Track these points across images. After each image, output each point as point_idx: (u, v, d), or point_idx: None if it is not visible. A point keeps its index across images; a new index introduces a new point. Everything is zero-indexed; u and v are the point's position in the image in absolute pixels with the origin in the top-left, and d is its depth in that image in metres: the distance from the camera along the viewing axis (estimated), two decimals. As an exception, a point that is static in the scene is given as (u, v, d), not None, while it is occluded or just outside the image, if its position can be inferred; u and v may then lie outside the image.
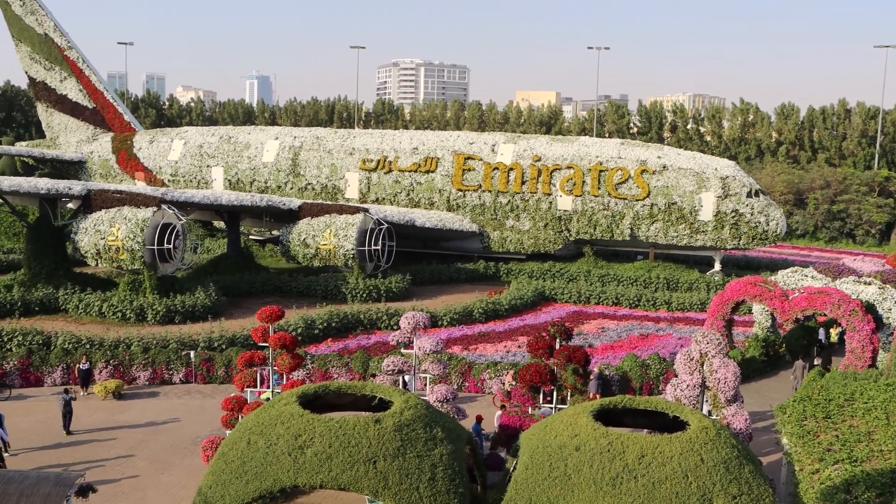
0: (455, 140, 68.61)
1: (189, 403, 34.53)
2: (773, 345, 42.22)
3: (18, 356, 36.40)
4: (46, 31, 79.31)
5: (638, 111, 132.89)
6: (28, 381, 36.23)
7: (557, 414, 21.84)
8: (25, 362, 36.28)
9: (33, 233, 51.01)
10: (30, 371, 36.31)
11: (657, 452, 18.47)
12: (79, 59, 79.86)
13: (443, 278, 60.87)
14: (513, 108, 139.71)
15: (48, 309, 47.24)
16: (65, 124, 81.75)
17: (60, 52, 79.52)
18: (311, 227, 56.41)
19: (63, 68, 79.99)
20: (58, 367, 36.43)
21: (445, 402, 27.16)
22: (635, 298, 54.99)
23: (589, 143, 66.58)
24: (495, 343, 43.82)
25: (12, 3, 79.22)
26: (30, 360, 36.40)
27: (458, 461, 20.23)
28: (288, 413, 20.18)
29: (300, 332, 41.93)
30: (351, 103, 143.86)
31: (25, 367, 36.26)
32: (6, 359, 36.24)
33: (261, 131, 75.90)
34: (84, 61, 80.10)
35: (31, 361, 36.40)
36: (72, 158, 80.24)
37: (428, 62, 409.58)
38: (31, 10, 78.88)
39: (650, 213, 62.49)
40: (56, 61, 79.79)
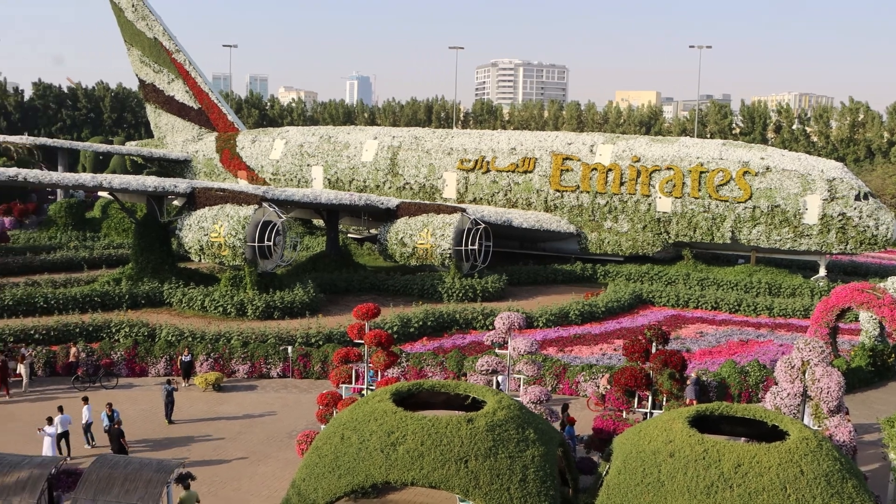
0: (553, 140, 68.22)
1: (285, 397, 35.15)
2: (881, 354, 40.75)
3: (125, 347, 37.75)
4: (156, 36, 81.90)
5: (741, 111, 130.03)
6: (133, 370, 37.53)
7: (652, 419, 21.50)
8: (131, 353, 37.60)
9: (141, 229, 52.70)
10: (135, 361, 37.61)
11: (754, 462, 18.00)
12: (186, 61, 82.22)
13: (539, 279, 60.57)
14: (612, 109, 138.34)
15: (153, 302, 48.79)
16: (172, 124, 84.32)
17: (168, 55, 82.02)
18: (409, 226, 56.80)
19: (171, 70, 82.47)
20: (161, 359, 37.61)
21: (539, 404, 27.01)
22: (735, 303, 53.75)
23: (689, 144, 65.38)
24: (591, 345, 43.42)
25: (125, 9, 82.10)
26: (135, 351, 37.71)
27: (549, 463, 20.11)
28: (382, 410, 20.37)
29: (396, 330, 42.27)
30: (449, 103, 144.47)
31: (131, 357, 37.57)
32: (113, 349, 37.61)
33: (360, 131, 76.83)
34: (190, 63, 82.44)
35: (137, 352, 37.70)
36: (178, 157, 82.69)
37: (527, 62, 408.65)
38: (142, 15, 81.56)
39: (752, 216, 61.00)
40: (164, 64, 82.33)
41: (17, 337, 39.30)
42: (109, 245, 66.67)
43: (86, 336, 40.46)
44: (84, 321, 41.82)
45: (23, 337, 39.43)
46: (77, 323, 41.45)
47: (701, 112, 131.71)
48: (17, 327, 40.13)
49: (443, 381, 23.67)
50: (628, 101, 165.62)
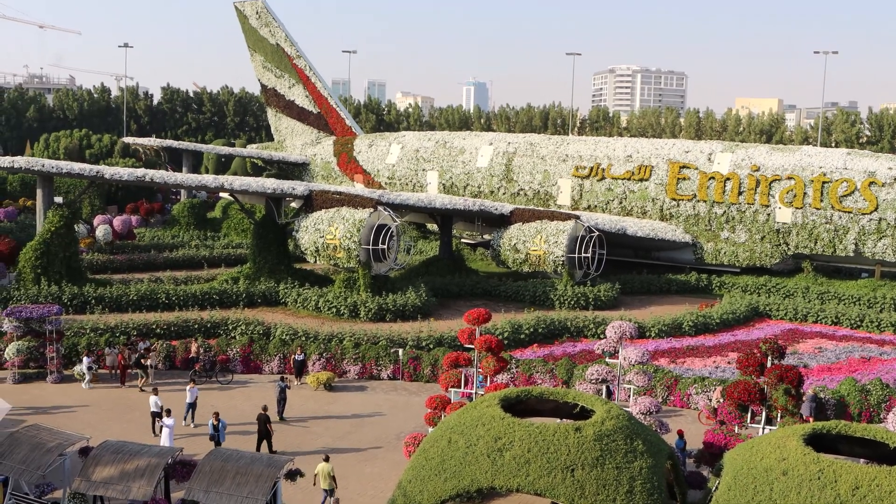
0: (670, 148, 67.21)
1: (395, 399, 35.62)
2: None
3: (241, 344, 38.92)
4: (278, 42, 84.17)
5: (868, 119, 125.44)
6: (249, 367, 38.62)
7: (765, 435, 20.98)
8: (247, 350, 38.73)
9: (259, 230, 54.20)
10: (250, 358, 38.70)
11: (874, 485, 17.38)
12: (306, 67, 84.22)
13: (652, 289, 59.73)
14: (731, 116, 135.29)
15: (269, 301, 50.12)
16: (291, 128, 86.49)
17: (290, 61, 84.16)
18: (522, 232, 56.79)
19: (292, 76, 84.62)
20: (275, 357, 38.62)
21: (648, 415, 26.70)
22: (857, 318, 51.86)
23: (812, 153, 63.44)
24: (704, 357, 42.60)
25: (249, 16, 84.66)
26: (251, 349, 38.82)
27: (657, 476, 19.84)
28: (489, 415, 20.45)
29: (506, 336, 42.33)
30: (565, 110, 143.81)
31: (247, 354, 38.68)
32: (230, 346, 38.80)
33: (475, 137, 77.23)
34: (311, 69, 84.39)
35: (252, 350, 38.82)
36: (296, 160, 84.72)
37: (644, 69, 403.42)
38: (265, 22, 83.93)
39: (878, 228, 58.78)
40: (286, 69, 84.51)
41: (140, 331, 40.97)
42: (229, 245, 68.78)
43: (204, 332, 41.92)
44: (203, 318, 43.37)
45: (145, 331, 41.10)
46: (196, 319, 43.03)
47: (826, 120, 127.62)
48: (141, 322, 41.85)
49: (552, 389, 23.62)
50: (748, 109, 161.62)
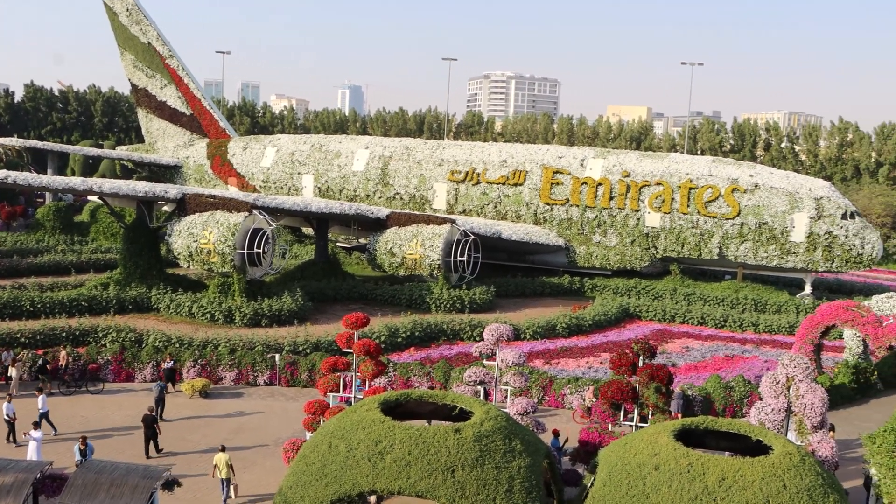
0: (544, 154, 68.54)
1: (272, 405, 35.21)
2: (864, 372, 41.05)
3: (112, 352, 37.73)
4: (150, 41, 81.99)
5: (732, 128, 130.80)
6: (120, 376, 37.48)
7: (638, 432, 21.67)
8: (118, 358, 37.58)
9: (130, 234, 52.69)
10: (122, 367, 37.55)
11: (738, 476, 18.19)
12: (179, 67, 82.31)
13: (527, 291, 60.77)
14: (603, 123, 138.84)
15: (141, 308, 48.76)
16: (163, 130, 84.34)
17: (162, 61, 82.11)
18: (398, 236, 56.94)
19: (164, 76, 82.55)
20: (148, 364, 37.62)
21: (525, 415, 27.20)
22: (721, 319, 54.05)
23: (679, 160, 65.80)
24: (577, 358, 43.60)
25: (119, 13, 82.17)
26: (122, 357, 37.68)
27: (535, 474, 20.25)
28: (369, 419, 20.48)
29: (384, 340, 42.37)
30: (441, 114, 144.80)
31: (118, 362, 37.53)
32: (100, 354, 37.59)
33: (351, 140, 77.03)
34: (183, 69, 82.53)
35: (124, 358, 37.68)
36: (168, 163, 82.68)
37: (519, 75, 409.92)
38: (136, 19, 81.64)
39: (740, 233, 61.38)
40: (157, 69, 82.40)
41: (3, 340, 39.21)
42: (98, 249, 66.51)
43: (73, 340, 40.44)
44: (71, 325, 41.78)
45: (9, 340, 39.35)
46: (64, 327, 41.41)
47: (693, 128, 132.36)
48: (4, 330, 40.06)
49: (431, 391, 23.80)
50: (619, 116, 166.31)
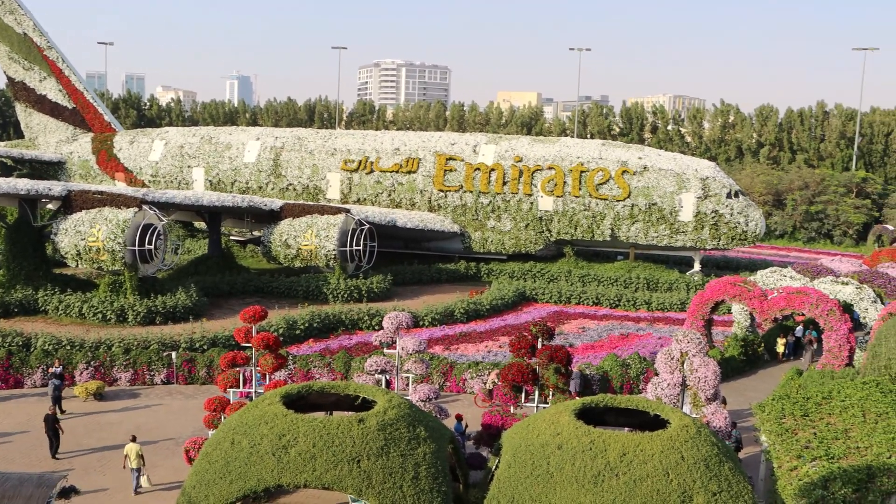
0: (437, 141, 68.75)
1: (171, 404, 34.50)
2: (752, 344, 42.59)
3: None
4: (26, 31, 78.86)
5: (620, 112, 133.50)
6: (7, 382, 36.06)
7: (539, 413, 21.99)
8: (5, 364, 36.13)
9: (12, 234, 50.71)
10: (9, 373, 36.14)
11: (638, 450, 18.65)
12: (58, 58, 79.45)
13: (424, 279, 60.98)
14: (494, 109, 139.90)
15: (28, 310, 46.98)
16: (44, 125, 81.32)
17: (40, 52, 79.10)
18: (293, 227, 56.37)
19: (42, 68, 79.56)
20: (38, 369, 36.28)
21: (428, 402, 27.32)
22: (616, 298, 55.28)
23: (570, 144, 66.87)
24: (476, 343, 43.97)
25: (-9, 2, 78.73)
26: (9, 362, 36.25)
27: (440, 460, 20.36)
28: (272, 413, 20.25)
29: (282, 333, 41.94)
30: (332, 104, 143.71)
31: (5, 368, 36.10)
32: (-14, 360, 36.10)
33: (242, 132, 75.77)
34: (63, 61, 79.71)
35: (11, 363, 36.25)
36: (51, 159, 79.80)
37: (409, 63, 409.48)
38: (9, 9, 78.40)
39: (631, 214, 62.81)
40: (35, 61, 79.35)
41: None
42: (-22, 251, 63.84)
43: (-44, 346, 38.74)
44: (-47, 331, 40.01)
45: None
46: (-56, 333, 39.60)
47: (582, 113, 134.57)
48: None
49: (332, 382, 23.66)
50: (510, 102, 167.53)
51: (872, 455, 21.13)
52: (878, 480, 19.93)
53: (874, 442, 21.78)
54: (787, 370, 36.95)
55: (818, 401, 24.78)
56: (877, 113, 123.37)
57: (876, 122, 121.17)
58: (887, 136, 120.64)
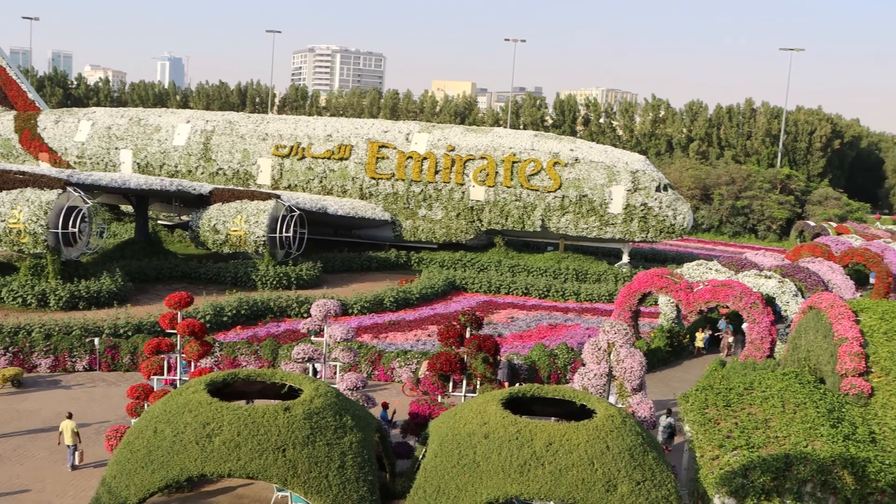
0: (369, 128, 68.44)
1: (92, 392, 33.75)
2: (677, 336, 43.25)
3: (-89, 343, 35.06)
4: (-55, 5, 76.33)
5: (553, 104, 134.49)
6: (-78, 367, 34.90)
7: (467, 402, 22.04)
8: (-81, 349, 34.97)
9: (-71, 214, 49.13)
10: (-76, 358, 35.00)
11: (564, 440, 18.80)
12: (-20, 34, 77.05)
13: (354, 266, 60.73)
14: (428, 98, 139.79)
15: (-56, 294, 45.59)
16: (-37, 102, 78.89)
17: (-40, 27, 76.61)
18: (222, 212, 55.62)
19: (-37, 44, 77.07)
20: (-46, 354, 35.18)
21: (355, 391, 27.18)
22: (545, 289, 55.70)
23: (503, 135, 67.13)
24: (405, 332, 43.91)
25: None
26: (-77, 347, 35.08)
27: (367, 449, 20.28)
28: (196, 401, 19.94)
29: (209, 319, 41.34)
30: (264, 88, 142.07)
31: (-81, 353, 34.95)
32: None
33: (172, 114, 74.46)
34: (-15, 37, 77.35)
35: (-75, 348, 35.08)
36: (-29, 137, 77.45)
37: (344, 49, 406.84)
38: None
39: (561, 205, 63.32)
40: (-45, 36, 76.83)
41: None
42: None
43: None
44: None
45: None
46: None
47: (515, 104, 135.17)
48: None
49: (258, 370, 23.40)
50: (444, 91, 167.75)
51: (790, 444, 21.62)
52: (796, 469, 20.40)
53: (792, 431, 22.29)
54: (711, 361, 37.64)
55: (740, 391, 25.26)
56: (801, 112, 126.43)
57: (800, 120, 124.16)
58: (810, 135, 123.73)
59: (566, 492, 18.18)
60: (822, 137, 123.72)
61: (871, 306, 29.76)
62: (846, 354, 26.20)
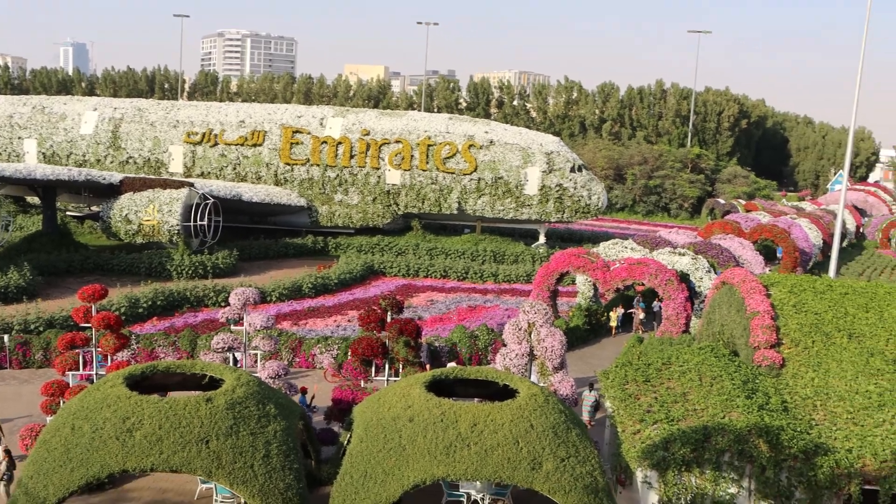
0: (283, 113, 67.67)
1: (3, 390, 32.75)
2: (595, 314, 43.89)
3: None
4: None
5: (467, 87, 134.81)
6: None
7: (391, 386, 22.04)
8: None
9: None
10: None
11: (489, 420, 18.94)
12: None
13: (271, 254, 60.12)
14: (341, 83, 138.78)
15: None
16: None
17: None
18: (134, 202, 54.44)
19: None
20: None
21: (277, 379, 26.96)
22: (463, 271, 55.94)
23: (418, 118, 67.06)
24: (325, 318, 43.69)
25: None
26: None
27: (292, 437, 20.13)
28: (114, 395, 19.50)
29: (124, 312, 40.44)
30: (173, 74, 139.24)
31: None
32: None
33: (78, 102, 72.43)
34: None
35: None
36: None
37: (254, 33, 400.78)
38: None
39: (477, 188, 63.61)
40: None
41: None
42: None
43: None
44: None
45: None
46: None
47: (429, 87, 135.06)
48: None
49: (178, 362, 23.01)
50: (357, 75, 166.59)
51: (708, 416, 22.19)
52: (714, 439, 20.95)
53: (710, 404, 22.87)
54: (629, 338, 38.32)
55: (658, 367, 25.81)
56: (710, 93, 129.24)
57: (709, 101, 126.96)
58: (719, 115, 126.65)
59: (492, 471, 18.34)
60: (730, 117, 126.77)
61: (780, 280, 30.65)
62: (758, 327, 26.94)
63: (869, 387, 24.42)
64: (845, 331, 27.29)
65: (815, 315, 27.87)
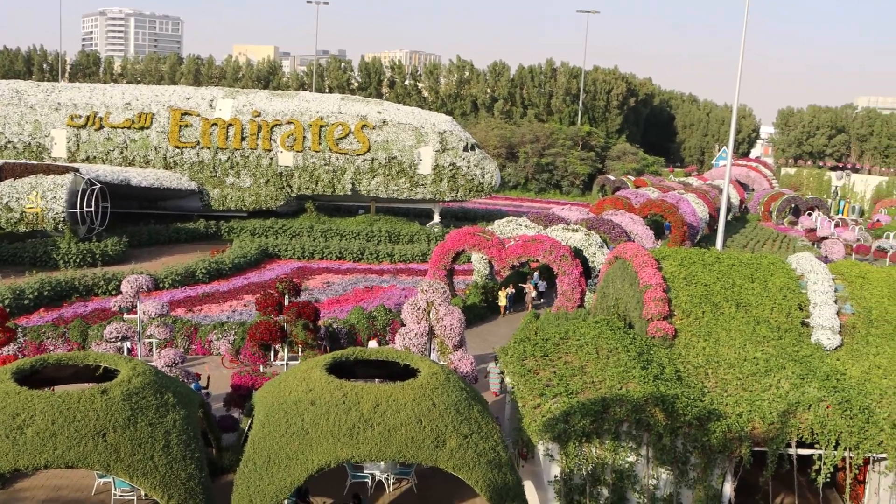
0: (171, 95, 66.05)
1: None
2: (491, 291, 44.33)
3: None
4: None
5: (359, 66, 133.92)
6: None
7: (291, 370, 21.89)
8: None
9: None
10: None
11: (391, 401, 19.00)
12: None
13: (162, 239, 58.78)
14: (230, 63, 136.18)
15: None
16: None
17: None
18: (15, 188, 52.44)
19: None
20: None
21: (174, 367, 26.48)
22: (359, 252, 55.77)
23: (309, 99, 66.37)
24: (220, 303, 43.01)
25: None
26: None
27: (191, 426, 19.80)
28: (2, 391, 18.80)
29: (8, 304, 38.98)
30: (51, 54, 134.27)
31: None
32: None
33: (-51, 85, 69.24)
34: None
35: None
36: None
37: (138, 12, 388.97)
38: None
39: (371, 168, 63.41)
40: None
41: None
42: None
43: None
44: None
45: None
46: None
47: (320, 67, 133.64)
48: None
49: (69, 354, 22.33)
50: (246, 56, 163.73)
51: (606, 388, 22.72)
52: (612, 410, 21.49)
53: (607, 376, 23.42)
54: (525, 314, 38.84)
55: (556, 341, 26.26)
56: (599, 71, 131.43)
57: (598, 80, 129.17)
58: (608, 94, 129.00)
59: (396, 451, 18.41)
60: (619, 96, 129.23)
61: (671, 254, 31.52)
62: (651, 300, 27.67)
63: (756, 353, 25.44)
64: (733, 301, 28.30)
65: (705, 286, 28.79)
